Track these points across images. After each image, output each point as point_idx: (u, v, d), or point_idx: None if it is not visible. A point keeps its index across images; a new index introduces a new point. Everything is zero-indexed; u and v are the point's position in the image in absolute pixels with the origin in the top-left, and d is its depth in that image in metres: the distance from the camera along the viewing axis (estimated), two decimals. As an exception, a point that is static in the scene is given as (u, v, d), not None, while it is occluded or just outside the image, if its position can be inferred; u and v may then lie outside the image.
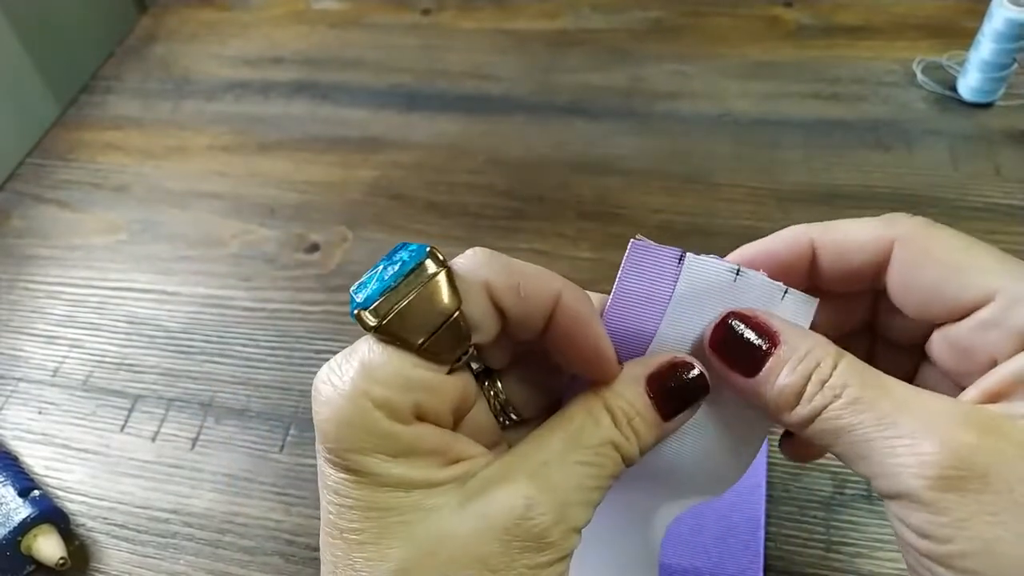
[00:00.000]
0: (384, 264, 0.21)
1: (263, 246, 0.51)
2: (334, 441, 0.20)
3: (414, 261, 0.21)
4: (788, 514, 0.37)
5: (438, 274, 0.20)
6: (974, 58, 0.52)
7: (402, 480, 0.20)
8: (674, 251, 0.23)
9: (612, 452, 0.22)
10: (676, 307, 0.23)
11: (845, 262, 0.23)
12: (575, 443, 0.22)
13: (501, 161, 0.55)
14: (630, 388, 0.23)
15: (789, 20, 0.62)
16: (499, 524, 0.20)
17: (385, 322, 0.20)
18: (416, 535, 0.20)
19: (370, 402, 0.20)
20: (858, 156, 0.52)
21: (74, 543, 0.39)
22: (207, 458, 0.42)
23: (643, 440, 0.22)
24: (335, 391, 0.20)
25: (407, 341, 0.20)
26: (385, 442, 0.20)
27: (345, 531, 0.21)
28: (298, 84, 0.62)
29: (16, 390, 0.46)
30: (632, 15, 0.64)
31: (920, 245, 0.22)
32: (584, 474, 0.21)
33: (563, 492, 0.21)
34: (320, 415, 0.21)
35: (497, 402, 0.24)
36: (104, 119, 0.62)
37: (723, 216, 0.49)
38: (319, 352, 0.45)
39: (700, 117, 0.56)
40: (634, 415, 0.22)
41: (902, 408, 0.20)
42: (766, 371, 0.22)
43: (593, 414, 0.22)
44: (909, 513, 0.19)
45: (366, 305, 0.20)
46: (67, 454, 0.43)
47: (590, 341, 0.22)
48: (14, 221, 0.55)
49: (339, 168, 0.56)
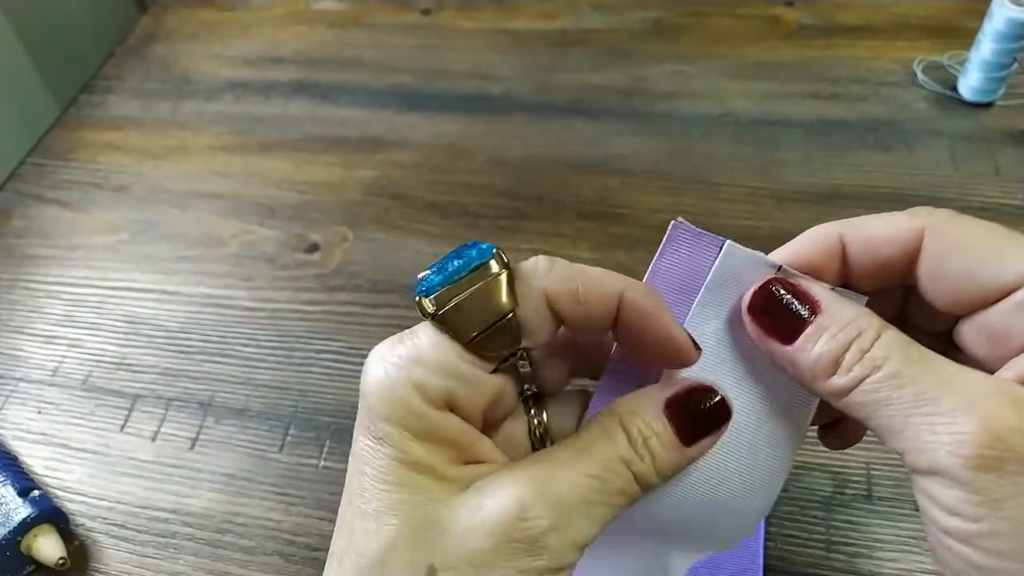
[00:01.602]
0: (451, 258, 0.22)
1: (263, 246, 0.51)
2: (370, 408, 0.21)
3: (479, 259, 0.22)
4: (788, 514, 0.37)
5: (500, 274, 0.22)
6: (975, 58, 0.52)
7: (418, 460, 0.21)
8: (715, 238, 0.23)
9: (623, 469, 0.21)
10: (708, 294, 0.23)
11: (875, 257, 0.23)
12: (585, 455, 0.21)
13: (501, 161, 0.55)
14: (648, 409, 0.22)
15: (789, 20, 0.62)
16: (492, 520, 0.20)
17: (442, 311, 0.21)
18: (413, 517, 0.21)
19: (409, 379, 0.21)
20: (858, 156, 0.52)
21: (74, 543, 0.39)
22: (207, 458, 0.42)
23: (660, 462, 0.22)
24: (382, 364, 0.21)
25: (459, 332, 0.21)
26: (412, 419, 0.21)
27: (355, 497, 0.21)
28: (298, 84, 0.62)
29: (16, 390, 0.46)
30: (632, 15, 0.64)
31: (950, 234, 0.22)
32: (591, 487, 0.21)
33: (566, 501, 0.20)
34: (365, 383, 0.22)
35: (538, 429, 0.24)
36: (104, 119, 0.62)
37: (723, 216, 0.49)
38: (319, 352, 0.45)
39: (700, 117, 0.56)
40: (650, 435, 0.22)
41: (944, 385, 0.19)
42: (804, 338, 0.21)
43: (607, 430, 0.22)
44: (940, 490, 0.19)
45: (428, 293, 0.22)
46: (67, 454, 0.43)
47: (662, 332, 0.22)
48: (14, 221, 0.55)
49: (339, 168, 0.56)
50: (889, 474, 0.37)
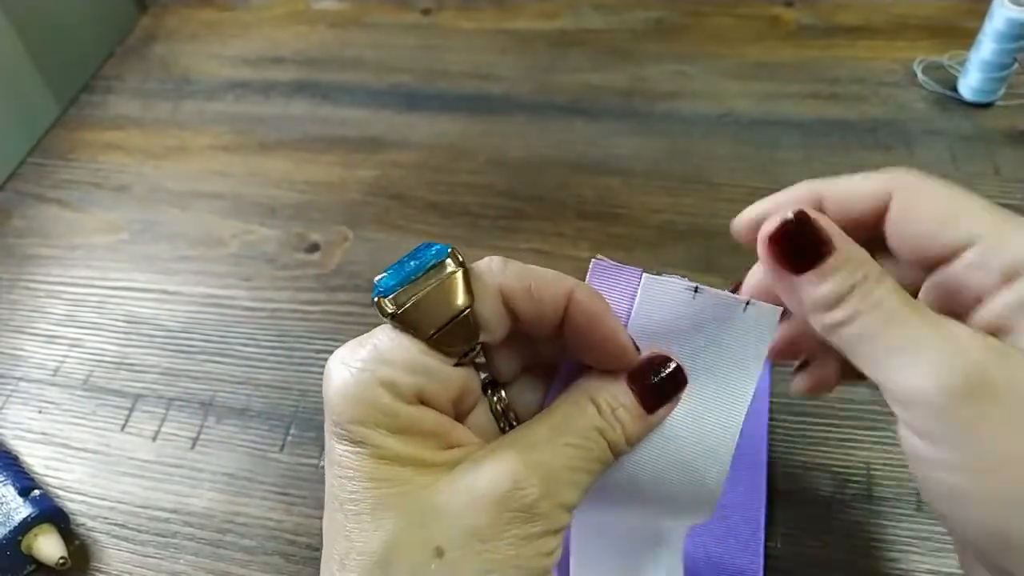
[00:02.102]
0: (408, 259, 0.23)
1: (263, 246, 0.51)
2: (339, 413, 0.22)
3: (435, 259, 0.22)
4: (788, 514, 0.37)
5: (455, 272, 0.22)
6: (975, 58, 0.52)
7: (399, 454, 0.22)
8: (634, 270, 0.24)
9: (598, 437, 0.23)
10: (635, 323, 0.24)
11: (850, 212, 0.25)
12: (562, 428, 0.23)
13: (501, 161, 0.55)
14: (613, 383, 0.24)
15: (789, 20, 0.62)
16: (489, 496, 0.21)
17: (401, 311, 0.22)
18: (408, 507, 0.21)
19: (376, 380, 0.21)
20: (858, 156, 0.52)
21: (74, 543, 0.39)
22: (207, 458, 0.42)
23: (629, 430, 0.24)
24: (345, 368, 0.22)
25: (419, 330, 0.22)
26: (386, 418, 0.21)
27: (344, 502, 0.22)
28: (298, 84, 0.62)
29: (16, 389, 0.46)
30: (632, 15, 0.64)
31: (915, 193, 0.24)
32: (572, 455, 0.23)
33: (552, 470, 0.22)
34: (328, 389, 0.22)
35: (499, 406, 0.25)
36: (104, 119, 0.62)
37: (723, 216, 0.48)
38: (319, 352, 0.45)
39: (700, 117, 0.56)
40: (618, 406, 0.23)
41: (930, 326, 0.21)
42: (815, 273, 0.23)
43: (579, 405, 0.24)
44: (920, 419, 0.21)
45: (386, 293, 0.22)
46: (67, 453, 0.43)
47: (607, 332, 0.23)
48: (15, 221, 0.55)
49: (339, 168, 0.56)
50: (889, 474, 0.37)
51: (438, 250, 0.23)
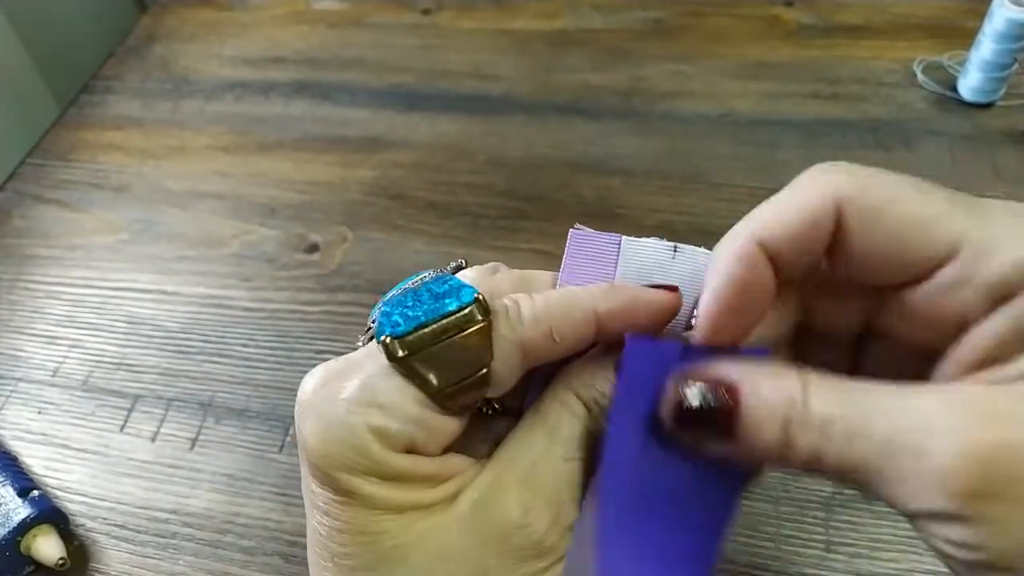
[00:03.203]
0: (424, 291, 0.20)
1: (263, 246, 0.51)
2: (320, 458, 0.19)
3: (459, 303, 0.20)
4: (788, 514, 0.37)
5: (482, 327, 0.20)
6: (975, 58, 0.52)
7: (393, 503, 0.20)
8: (613, 236, 0.24)
9: (593, 443, 0.21)
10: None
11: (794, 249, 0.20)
12: (556, 439, 0.21)
13: (501, 161, 0.55)
14: (600, 376, 0.22)
15: (789, 20, 0.62)
16: (496, 535, 0.20)
17: (413, 358, 0.19)
18: (412, 559, 0.19)
19: (365, 426, 0.19)
20: (858, 156, 0.52)
21: (73, 543, 0.39)
22: (207, 458, 0.42)
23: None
24: (328, 405, 0.20)
25: (427, 383, 0.20)
26: (376, 467, 0.19)
27: (336, 555, 0.20)
28: (298, 84, 0.62)
29: (16, 390, 0.46)
30: (632, 15, 0.64)
31: (869, 202, 0.19)
32: (570, 469, 0.21)
33: (554, 492, 0.20)
34: (307, 427, 0.20)
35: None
36: (104, 119, 0.62)
37: (723, 216, 0.49)
38: (319, 352, 0.45)
39: (700, 117, 0.56)
40: (606, 401, 0.21)
41: (900, 424, 0.17)
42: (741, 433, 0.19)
43: (568, 405, 0.21)
44: (942, 528, 0.17)
45: (397, 334, 0.19)
46: (67, 454, 0.43)
47: (649, 312, 0.21)
48: (14, 221, 0.55)
49: (339, 168, 0.56)
50: (889, 474, 0.37)
51: (463, 292, 0.20)
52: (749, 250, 0.20)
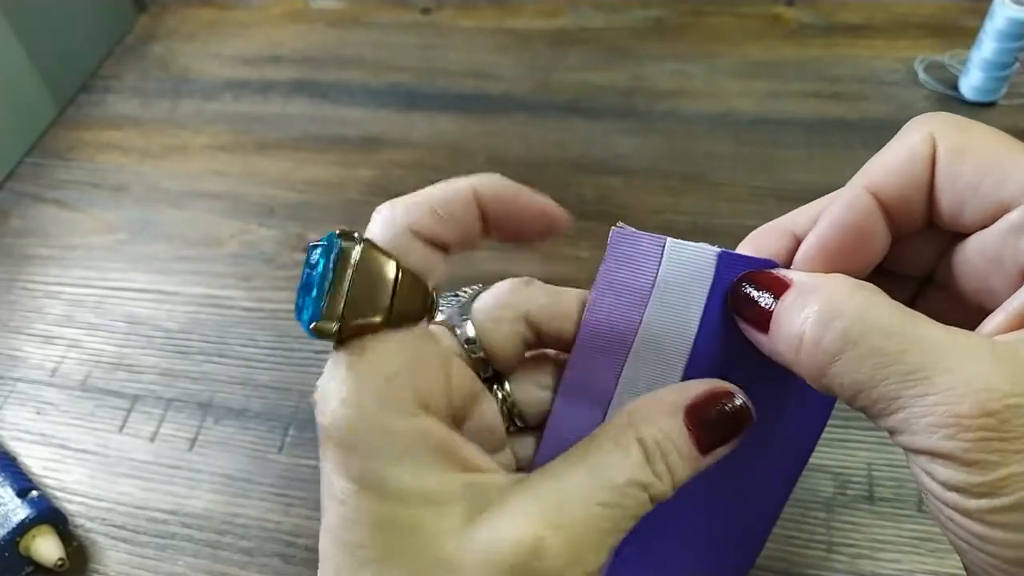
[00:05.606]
0: (306, 275, 0.20)
1: (262, 246, 0.51)
2: (337, 442, 0.20)
3: (330, 252, 0.20)
4: (789, 515, 0.36)
5: (360, 247, 0.20)
6: (976, 57, 0.52)
7: (409, 490, 0.20)
8: (656, 237, 0.23)
9: (638, 493, 0.20)
10: (660, 294, 0.23)
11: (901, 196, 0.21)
12: (598, 479, 0.20)
13: (501, 161, 0.54)
14: (667, 419, 0.21)
15: (790, 19, 0.62)
16: (507, 561, 0.19)
17: (343, 320, 0.20)
18: (421, 559, 0.19)
19: (369, 398, 0.20)
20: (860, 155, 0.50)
21: (72, 544, 0.39)
22: (206, 458, 0.42)
23: (677, 477, 0.20)
24: (335, 395, 0.20)
25: (372, 323, 0.20)
26: (388, 438, 0.20)
27: (349, 544, 0.20)
28: (297, 83, 0.62)
29: (14, 390, 0.46)
30: (633, 14, 0.64)
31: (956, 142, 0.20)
32: (604, 516, 0.20)
33: (579, 533, 0.19)
34: (323, 421, 0.20)
35: (506, 406, 0.24)
36: (103, 118, 0.62)
37: (724, 216, 0.48)
38: (318, 352, 0.45)
39: (701, 116, 0.56)
40: (671, 450, 0.20)
41: (933, 360, 0.17)
42: (774, 321, 0.20)
43: (622, 446, 0.20)
44: (939, 469, 0.17)
45: (316, 317, 0.20)
46: (65, 454, 0.43)
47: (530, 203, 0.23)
48: (13, 221, 0.55)
49: (338, 167, 0.55)
50: (890, 475, 0.37)
51: (327, 243, 0.20)
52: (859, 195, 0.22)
